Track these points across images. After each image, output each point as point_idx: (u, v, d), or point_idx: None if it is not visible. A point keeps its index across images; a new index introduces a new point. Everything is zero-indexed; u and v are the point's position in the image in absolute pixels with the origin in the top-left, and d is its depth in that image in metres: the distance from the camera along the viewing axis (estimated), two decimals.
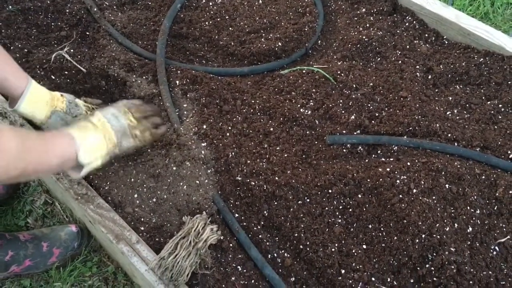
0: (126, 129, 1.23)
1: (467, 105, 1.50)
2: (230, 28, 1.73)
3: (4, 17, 1.73)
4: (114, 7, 1.80)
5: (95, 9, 1.76)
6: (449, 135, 1.42)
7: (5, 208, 1.76)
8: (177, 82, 1.57)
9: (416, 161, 1.36)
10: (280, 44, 1.67)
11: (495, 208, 1.28)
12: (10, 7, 1.74)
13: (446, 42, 1.66)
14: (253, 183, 1.34)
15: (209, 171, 1.39)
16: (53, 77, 1.57)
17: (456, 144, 1.41)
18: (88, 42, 1.71)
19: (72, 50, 1.65)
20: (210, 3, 1.80)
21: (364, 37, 1.64)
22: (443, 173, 1.32)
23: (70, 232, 1.49)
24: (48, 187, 1.69)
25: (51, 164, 1.06)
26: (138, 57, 1.66)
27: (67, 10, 1.76)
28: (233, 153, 1.41)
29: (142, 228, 1.28)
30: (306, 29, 1.70)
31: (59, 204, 1.72)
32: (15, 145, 0.97)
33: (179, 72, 1.59)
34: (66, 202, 1.52)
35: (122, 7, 1.81)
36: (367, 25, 1.69)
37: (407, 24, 1.71)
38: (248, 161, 1.39)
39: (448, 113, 1.48)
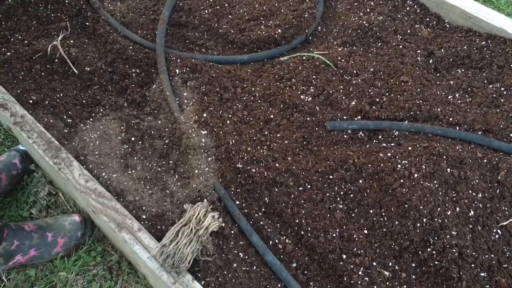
0: None
1: (469, 88, 1.49)
2: (230, 16, 1.72)
3: (4, 9, 1.73)
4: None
5: (94, 0, 1.76)
6: (451, 119, 1.41)
7: (10, 199, 1.77)
8: (177, 71, 1.57)
9: (417, 145, 1.35)
10: (280, 31, 1.66)
11: (497, 192, 1.27)
12: (10, 0, 1.74)
13: (448, 26, 1.65)
14: (254, 170, 1.34)
15: (209, 159, 1.39)
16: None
17: (457, 128, 1.40)
18: (88, 33, 1.71)
19: (72, 41, 1.65)
20: None
21: (364, 22, 1.63)
22: (444, 157, 1.31)
23: (74, 222, 1.50)
24: (51, 178, 1.70)
25: None
26: (139, 46, 1.66)
27: (67, 1, 1.76)
28: (233, 141, 1.41)
29: (144, 216, 1.29)
30: (306, 16, 1.69)
31: (62, 194, 1.73)
32: None
33: (179, 61, 1.59)
34: (69, 192, 1.52)
35: None
36: (368, 10, 1.68)
37: (407, 8, 1.69)
38: (249, 149, 1.39)
39: (449, 97, 1.47)
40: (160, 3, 1.77)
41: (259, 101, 1.52)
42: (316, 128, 1.44)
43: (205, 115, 1.46)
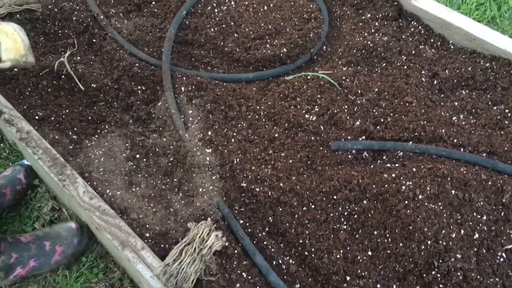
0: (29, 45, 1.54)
1: (473, 110, 1.49)
2: (235, 35, 1.74)
3: None
4: (121, 14, 1.82)
5: (102, 17, 1.78)
6: (455, 140, 1.41)
7: (13, 214, 1.77)
8: (183, 88, 1.58)
9: (422, 166, 1.35)
10: (285, 50, 1.67)
11: (502, 214, 1.27)
12: (18, 15, 1.76)
13: (452, 47, 1.66)
14: (258, 189, 1.34)
15: (214, 177, 1.39)
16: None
17: (462, 149, 1.40)
18: (95, 50, 1.73)
19: (79, 58, 1.67)
20: (216, 10, 1.81)
21: (369, 42, 1.64)
22: (449, 179, 1.31)
23: (70, 229, 1.49)
24: (55, 193, 1.70)
25: None
26: (145, 64, 1.67)
27: (74, 18, 1.77)
28: (238, 160, 1.41)
29: (147, 235, 1.29)
30: (311, 35, 1.71)
31: (66, 210, 1.73)
32: None
33: (184, 78, 1.60)
34: (72, 208, 1.52)
35: (128, 15, 1.83)
36: (372, 30, 1.69)
37: (412, 29, 1.70)
38: (253, 167, 1.39)
39: (454, 118, 1.47)
40: (166, 21, 1.78)
41: (263, 119, 1.52)
42: (321, 148, 1.45)
43: (209, 133, 1.47)
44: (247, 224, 1.31)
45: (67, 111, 1.59)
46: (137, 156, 1.48)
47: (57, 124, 1.55)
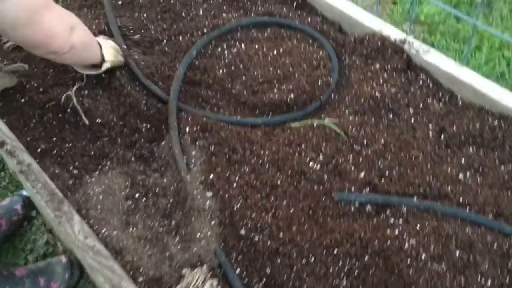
0: (119, 49, 1.73)
1: (480, 168, 1.47)
2: (243, 77, 1.74)
3: (22, 56, 1.77)
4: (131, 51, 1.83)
5: (124, 46, 1.78)
6: (461, 199, 1.38)
7: (7, 245, 1.74)
8: (188, 128, 1.57)
9: (426, 224, 1.32)
10: (292, 96, 1.67)
11: (507, 280, 1.23)
12: None
13: (460, 103, 1.65)
14: (257, 238, 1.31)
15: (212, 222, 1.36)
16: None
17: (468, 209, 1.37)
18: (103, 84, 1.73)
19: (86, 92, 1.67)
20: (225, 52, 1.82)
21: (377, 93, 1.63)
22: (453, 239, 1.27)
23: (62, 264, 1.47)
24: (51, 226, 1.67)
25: (94, 50, 1.55)
26: (152, 101, 1.67)
27: None
28: (238, 205, 1.38)
29: (141, 279, 1.25)
30: (319, 82, 1.70)
31: (61, 245, 1.70)
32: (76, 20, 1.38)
33: (190, 118, 1.59)
34: (67, 243, 1.49)
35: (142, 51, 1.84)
36: (381, 81, 1.69)
37: (421, 82, 1.70)
38: (253, 215, 1.37)
39: (460, 175, 1.44)
40: (176, 60, 1.79)
41: (267, 165, 1.50)
42: (323, 198, 1.42)
43: (211, 176, 1.45)
44: (244, 273, 1.28)
45: (70, 145, 1.58)
46: (137, 195, 1.46)
47: (59, 158, 1.54)
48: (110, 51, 1.65)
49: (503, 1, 2.39)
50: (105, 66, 1.62)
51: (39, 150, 1.55)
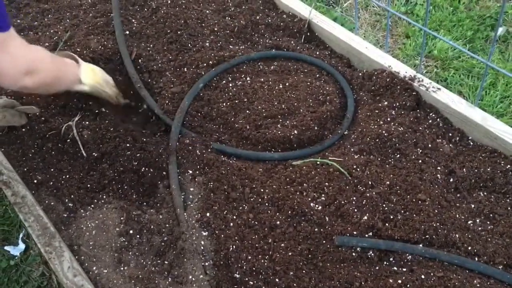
0: (109, 81, 1.70)
1: (491, 215, 1.39)
2: (247, 111, 1.70)
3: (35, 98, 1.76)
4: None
5: (135, 79, 1.77)
6: (469, 248, 1.30)
7: (1, 276, 1.71)
8: (187, 164, 1.53)
9: (432, 274, 1.24)
10: (296, 132, 1.62)
11: None
12: None
13: (471, 144, 1.58)
14: (252, 283, 1.25)
15: (206, 263, 1.31)
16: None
17: (476, 259, 1.29)
18: (104, 115, 1.71)
19: (87, 123, 1.65)
20: (230, 84, 1.79)
21: (384, 131, 1.58)
22: None
23: None
24: (46, 258, 1.64)
25: (69, 77, 1.54)
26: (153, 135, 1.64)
27: None
28: (234, 247, 1.33)
29: None
30: (325, 119, 1.66)
31: (56, 277, 1.66)
32: (49, 55, 1.43)
33: (191, 153, 1.55)
34: (58, 277, 1.45)
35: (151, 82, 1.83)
36: (388, 119, 1.63)
37: (430, 121, 1.64)
38: (249, 257, 1.31)
39: (469, 222, 1.37)
40: (183, 91, 1.76)
41: (266, 204, 1.45)
42: (324, 241, 1.35)
43: (208, 214, 1.40)
44: None
45: (67, 176, 1.54)
46: (131, 231, 1.41)
47: (54, 190, 1.51)
48: (91, 77, 1.61)
49: None
50: (80, 88, 1.59)
51: (35, 181, 1.52)
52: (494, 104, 2.08)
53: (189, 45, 1.93)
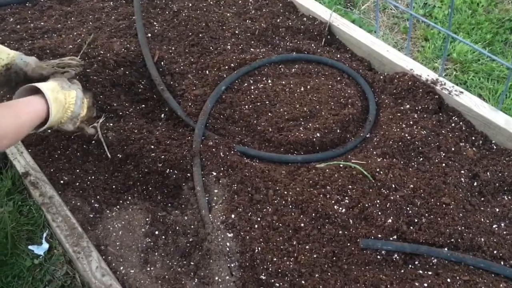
0: (77, 119, 1.45)
1: None
2: (269, 114, 1.71)
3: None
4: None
5: (158, 81, 1.79)
6: (495, 252, 1.30)
7: (26, 275, 1.73)
8: (211, 166, 1.55)
9: (458, 278, 1.24)
10: (318, 134, 1.63)
11: None
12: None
13: (495, 147, 1.58)
14: (278, 285, 1.26)
15: (232, 264, 1.32)
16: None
17: (502, 263, 1.29)
18: (129, 117, 1.73)
19: (111, 124, 1.67)
20: (252, 87, 1.80)
21: (406, 135, 1.58)
22: None
23: None
24: (71, 258, 1.66)
25: (20, 131, 1.24)
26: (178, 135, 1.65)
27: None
28: (259, 248, 1.34)
29: None
30: (347, 122, 1.67)
31: (79, 276, 1.68)
32: None
33: (215, 155, 1.57)
34: (85, 278, 1.47)
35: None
36: (411, 122, 1.63)
37: (453, 124, 1.64)
38: (275, 259, 1.32)
39: (494, 226, 1.37)
40: (206, 94, 1.77)
41: (290, 206, 1.46)
42: (348, 244, 1.36)
43: (233, 216, 1.41)
44: None
45: (93, 177, 1.57)
46: (156, 232, 1.43)
47: (80, 191, 1.53)
48: (59, 112, 1.37)
49: None
50: (46, 126, 1.34)
51: (61, 182, 1.54)
52: None
53: (211, 47, 1.94)
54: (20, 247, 1.77)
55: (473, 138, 1.61)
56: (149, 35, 2.01)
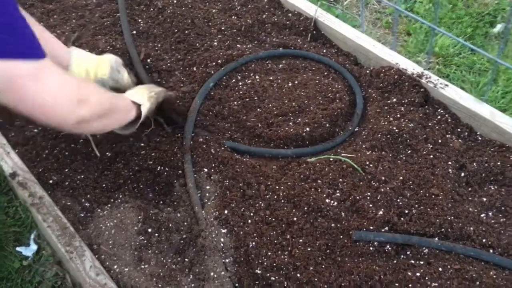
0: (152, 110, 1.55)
1: (502, 208, 1.42)
2: (258, 109, 1.72)
3: None
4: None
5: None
6: (484, 240, 1.34)
7: (14, 277, 1.70)
8: (202, 162, 1.54)
9: (449, 266, 1.27)
10: (308, 129, 1.64)
11: None
12: None
13: (480, 139, 1.61)
14: (273, 279, 1.27)
15: (227, 260, 1.32)
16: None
17: (491, 251, 1.32)
18: None
19: None
20: (240, 83, 1.81)
21: (394, 128, 1.61)
22: (478, 283, 1.23)
23: None
24: (60, 259, 1.64)
25: (120, 112, 1.39)
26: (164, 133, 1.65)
27: None
28: (254, 243, 1.35)
29: None
30: (336, 116, 1.68)
31: (69, 277, 1.66)
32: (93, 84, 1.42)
33: (205, 151, 1.57)
34: (77, 278, 1.45)
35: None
36: (398, 115, 1.66)
37: (439, 117, 1.67)
38: (269, 253, 1.33)
39: (482, 215, 1.40)
40: (194, 90, 1.76)
41: (282, 201, 1.47)
42: (341, 236, 1.38)
43: (226, 212, 1.42)
44: None
45: (82, 176, 1.55)
46: (149, 230, 1.42)
47: (70, 190, 1.51)
48: (142, 96, 1.48)
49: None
50: (143, 116, 1.45)
51: (50, 181, 1.52)
52: (496, 100, 2.12)
53: (197, 44, 1.94)
54: (8, 249, 1.74)
55: (459, 130, 1.65)
56: (134, 32, 1.99)
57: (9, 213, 1.80)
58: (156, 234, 1.42)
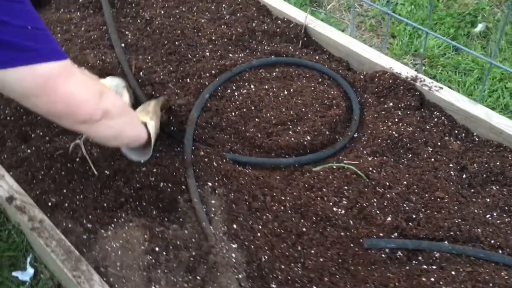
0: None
1: (506, 207, 1.45)
2: (256, 119, 1.71)
3: None
4: None
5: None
6: (492, 241, 1.35)
7: None
8: (206, 176, 1.52)
9: (461, 270, 1.28)
10: (308, 138, 1.64)
11: None
12: None
13: (477, 139, 1.64)
14: None
15: (240, 276, 1.30)
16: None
17: (500, 251, 1.34)
18: None
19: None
20: (236, 93, 1.79)
21: (394, 132, 1.62)
22: (491, 284, 1.24)
23: None
24: (60, 281, 1.59)
25: (139, 133, 1.41)
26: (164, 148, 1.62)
27: None
28: (266, 257, 1.33)
29: None
30: (335, 123, 1.68)
31: None
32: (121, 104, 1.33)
33: (208, 165, 1.54)
34: None
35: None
36: (396, 120, 1.67)
37: (435, 120, 1.69)
38: (282, 266, 1.32)
39: (487, 216, 1.42)
40: (190, 103, 1.74)
41: (289, 211, 1.46)
42: (352, 245, 1.38)
43: (234, 226, 1.40)
44: None
45: (81, 196, 1.51)
46: (156, 249, 1.39)
47: (71, 212, 1.47)
48: (143, 117, 1.48)
49: (500, 32, 2.43)
50: (152, 134, 1.47)
51: (49, 204, 1.47)
52: (483, 99, 2.16)
53: (189, 55, 1.91)
54: (4, 274, 1.68)
55: (456, 131, 1.67)
56: (123, 45, 1.95)
57: (2, 237, 1.74)
58: (164, 253, 1.38)
